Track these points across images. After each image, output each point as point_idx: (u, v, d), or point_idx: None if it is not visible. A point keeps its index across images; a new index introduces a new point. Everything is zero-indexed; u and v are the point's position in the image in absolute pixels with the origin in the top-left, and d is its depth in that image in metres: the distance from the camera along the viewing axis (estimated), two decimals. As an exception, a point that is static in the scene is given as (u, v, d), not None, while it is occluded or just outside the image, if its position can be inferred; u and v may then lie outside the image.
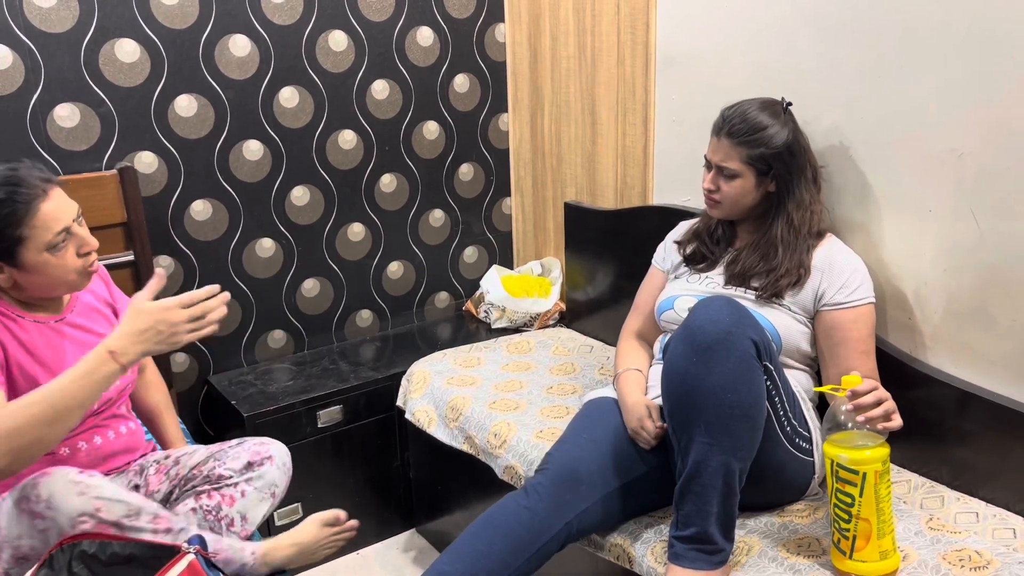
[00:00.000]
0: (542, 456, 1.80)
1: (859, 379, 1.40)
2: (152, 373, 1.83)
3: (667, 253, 1.94)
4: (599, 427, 1.66)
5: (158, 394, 1.82)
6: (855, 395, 1.38)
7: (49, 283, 1.47)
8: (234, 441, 1.65)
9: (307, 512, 2.19)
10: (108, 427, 1.60)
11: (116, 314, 1.68)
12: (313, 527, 1.65)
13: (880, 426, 1.38)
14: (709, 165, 1.73)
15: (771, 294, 1.67)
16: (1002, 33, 1.49)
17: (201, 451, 1.64)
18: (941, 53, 1.59)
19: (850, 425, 1.39)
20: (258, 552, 1.54)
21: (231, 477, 1.57)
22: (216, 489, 1.56)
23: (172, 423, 1.82)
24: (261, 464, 1.61)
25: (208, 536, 1.47)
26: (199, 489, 1.56)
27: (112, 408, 1.61)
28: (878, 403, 1.38)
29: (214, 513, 1.54)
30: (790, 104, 1.72)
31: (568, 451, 1.59)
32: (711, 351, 1.40)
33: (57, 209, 1.43)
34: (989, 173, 1.55)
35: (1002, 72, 1.50)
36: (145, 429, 1.80)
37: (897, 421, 1.39)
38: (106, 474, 1.59)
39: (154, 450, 1.76)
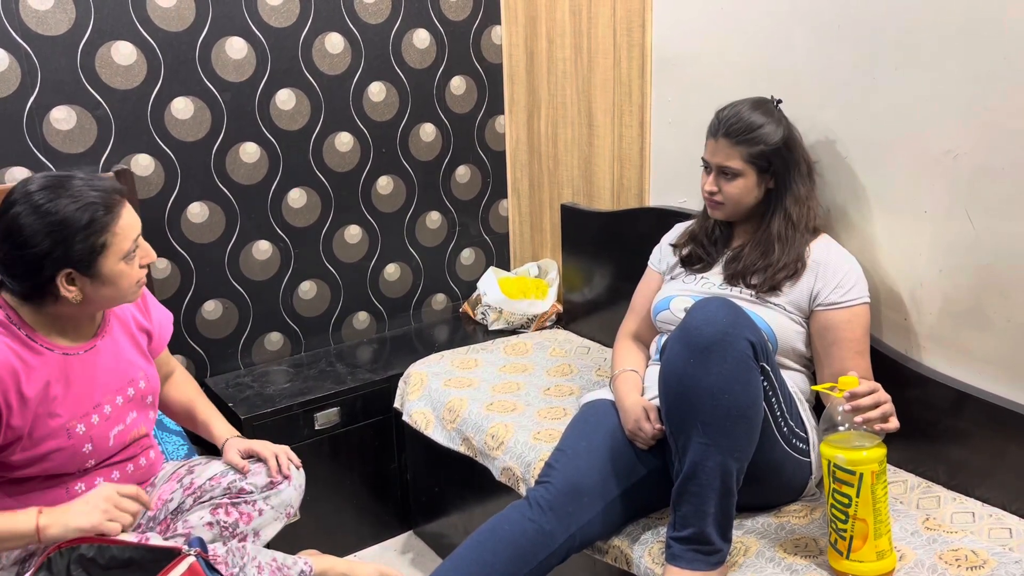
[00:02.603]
0: (539, 458, 1.80)
1: (856, 380, 1.40)
2: (180, 373, 1.82)
3: (663, 254, 1.95)
4: (597, 433, 1.66)
5: (188, 389, 1.79)
6: (853, 396, 1.39)
7: (115, 295, 1.43)
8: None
9: (304, 514, 2.19)
10: (129, 461, 1.57)
11: (151, 337, 1.64)
12: (375, 572, 1.69)
13: (877, 427, 1.38)
14: (708, 168, 1.73)
15: (769, 287, 1.68)
16: (997, 34, 1.50)
17: (217, 463, 1.63)
18: (936, 54, 1.59)
19: (847, 426, 1.39)
20: (313, 565, 1.58)
21: (252, 493, 1.56)
22: (234, 505, 1.55)
23: (206, 410, 1.76)
24: (280, 483, 1.60)
25: (234, 544, 1.49)
26: (217, 502, 1.55)
27: (132, 444, 1.57)
28: (876, 405, 1.38)
29: (230, 529, 1.53)
30: (780, 101, 1.74)
31: (569, 463, 1.59)
32: (708, 352, 1.40)
33: (132, 216, 1.42)
34: (984, 174, 1.56)
35: (997, 73, 1.51)
36: (159, 441, 1.78)
37: (894, 423, 1.40)
38: None
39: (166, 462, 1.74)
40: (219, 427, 1.72)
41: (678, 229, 1.95)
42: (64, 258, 1.34)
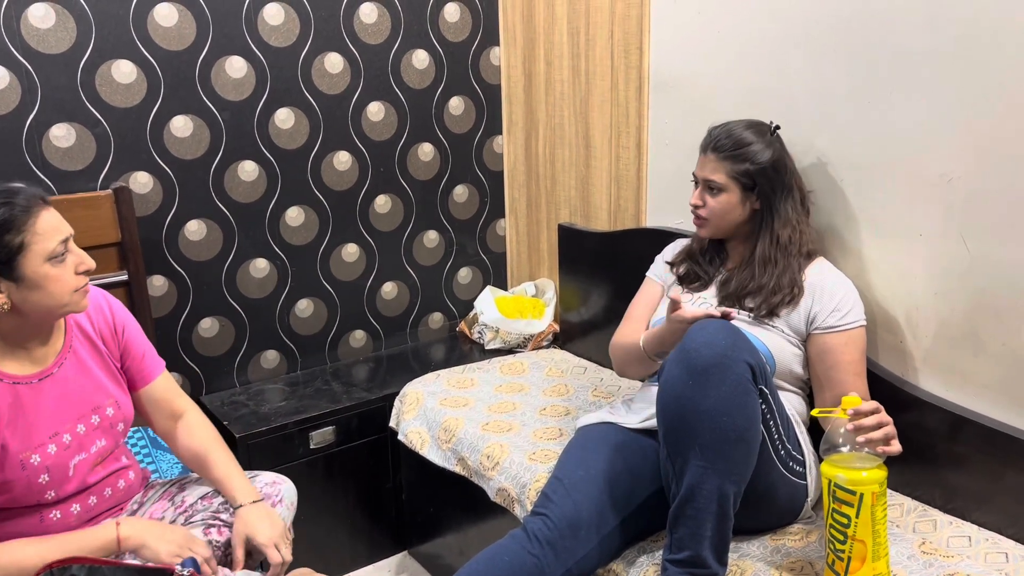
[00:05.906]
0: (535, 479, 1.80)
1: (859, 400, 1.40)
2: (194, 416, 1.68)
3: (663, 269, 1.95)
4: (594, 460, 1.64)
5: (203, 436, 1.65)
6: (857, 415, 1.39)
7: (49, 303, 1.38)
8: (246, 474, 1.63)
9: (299, 534, 2.18)
10: (106, 485, 1.53)
11: (119, 336, 1.58)
12: None
13: (879, 449, 1.38)
14: (697, 182, 1.76)
15: (767, 312, 1.68)
16: (991, 59, 1.51)
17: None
18: (930, 78, 1.61)
19: (849, 447, 1.39)
20: None
21: None
22: (227, 525, 1.54)
23: (223, 465, 1.61)
24: (272, 503, 1.59)
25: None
26: (209, 522, 1.53)
27: (108, 474, 1.54)
28: (879, 426, 1.38)
29: (223, 549, 1.52)
30: (778, 128, 1.74)
31: (566, 495, 1.57)
32: (707, 374, 1.40)
33: (57, 219, 1.39)
34: (978, 197, 1.57)
35: (991, 97, 1.52)
36: (150, 466, 1.76)
37: (896, 446, 1.40)
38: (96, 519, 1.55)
39: (156, 477, 1.72)
40: (236, 487, 1.57)
41: (677, 246, 1.95)
42: None
